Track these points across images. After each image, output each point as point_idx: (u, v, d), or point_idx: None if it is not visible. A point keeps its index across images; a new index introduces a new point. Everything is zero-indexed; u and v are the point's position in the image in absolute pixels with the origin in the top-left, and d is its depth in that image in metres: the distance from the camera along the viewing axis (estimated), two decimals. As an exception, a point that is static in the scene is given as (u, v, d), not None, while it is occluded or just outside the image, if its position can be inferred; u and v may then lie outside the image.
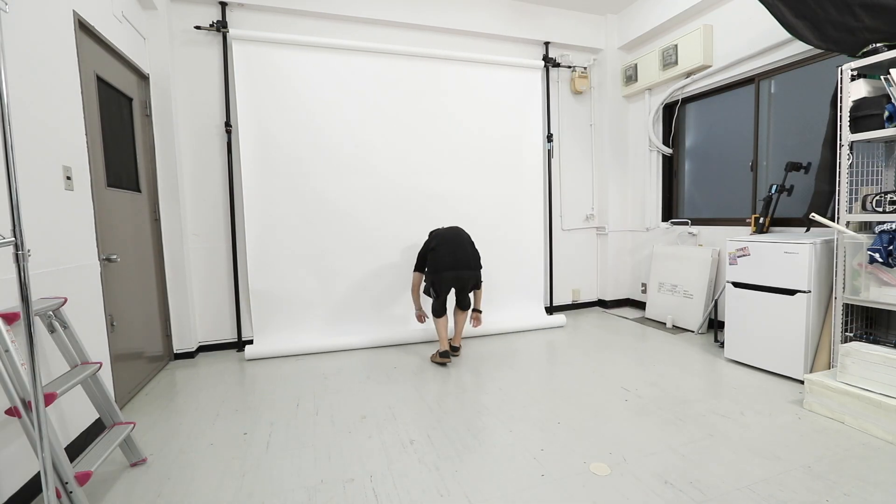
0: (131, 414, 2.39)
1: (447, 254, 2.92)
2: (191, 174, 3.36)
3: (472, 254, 3.01)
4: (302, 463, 1.85)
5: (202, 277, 3.43)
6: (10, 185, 1.21)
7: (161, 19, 3.11)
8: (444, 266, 2.90)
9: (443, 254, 2.92)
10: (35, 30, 1.86)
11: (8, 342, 1.39)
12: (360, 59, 3.61)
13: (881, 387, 1.98)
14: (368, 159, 3.68)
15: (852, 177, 2.32)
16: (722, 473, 1.70)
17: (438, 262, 2.91)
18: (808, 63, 3.02)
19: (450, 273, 2.90)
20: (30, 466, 1.64)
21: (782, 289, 2.59)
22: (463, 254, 2.95)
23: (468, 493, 1.62)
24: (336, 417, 2.28)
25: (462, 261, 2.93)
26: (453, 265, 2.90)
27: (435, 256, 2.94)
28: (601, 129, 4.51)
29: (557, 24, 4.20)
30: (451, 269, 2.89)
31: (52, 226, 1.88)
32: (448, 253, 2.93)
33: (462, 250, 2.96)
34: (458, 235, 3.05)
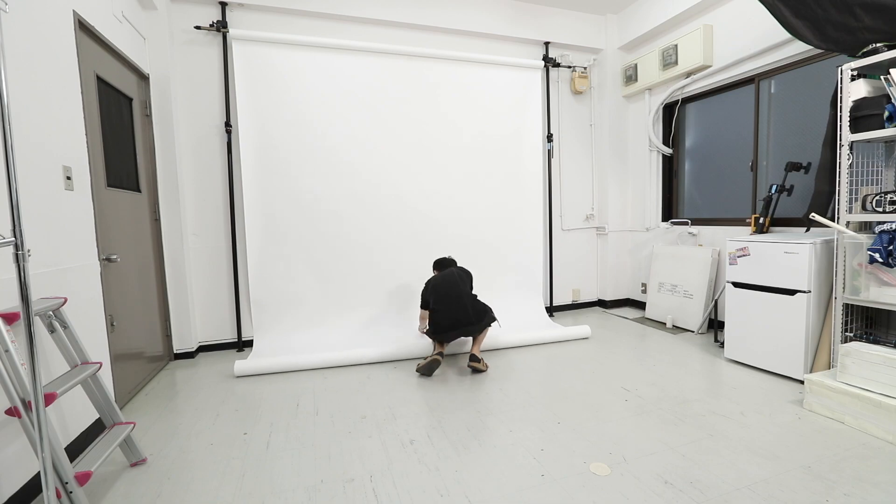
0: (131, 414, 2.39)
1: (446, 315, 2.84)
2: (191, 174, 3.36)
3: (473, 306, 2.88)
4: (302, 463, 1.85)
5: (202, 277, 3.43)
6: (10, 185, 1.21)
7: (161, 19, 3.11)
8: (445, 327, 2.83)
9: (442, 315, 2.84)
10: (35, 30, 1.86)
11: (8, 342, 1.39)
12: (361, 59, 3.61)
13: (881, 387, 1.98)
14: (368, 159, 3.68)
15: (852, 177, 2.32)
16: (722, 473, 1.70)
17: (439, 324, 2.84)
18: (808, 63, 3.02)
19: (452, 333, 2.84)
20: (30, 466, 1.64)
21: (782, 289, 2.58)
22: (462, 312, 2.84)
23: (468, 493, 1.62)
24: (336, 417, 2.28)
25: (462, 320, 2.83)
26: (454, 325, 2.83)
27: (435, 318, 2.87)
28: (601, 129, 4.51)
29: (557, 24, 4.20)
30: (452, 329, 2.83)
31: (52, 226, 1.88)
32: (446, 314, 2.84)
33: (460, 308, 2.84)
34: (453, 288, 2.92)
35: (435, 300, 2.91)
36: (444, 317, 2.83)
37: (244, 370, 2.89)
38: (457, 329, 2.82)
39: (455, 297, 2.88)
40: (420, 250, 3.86)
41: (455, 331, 2.82)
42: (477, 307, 2.91)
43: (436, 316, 2.87)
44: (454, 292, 2.90)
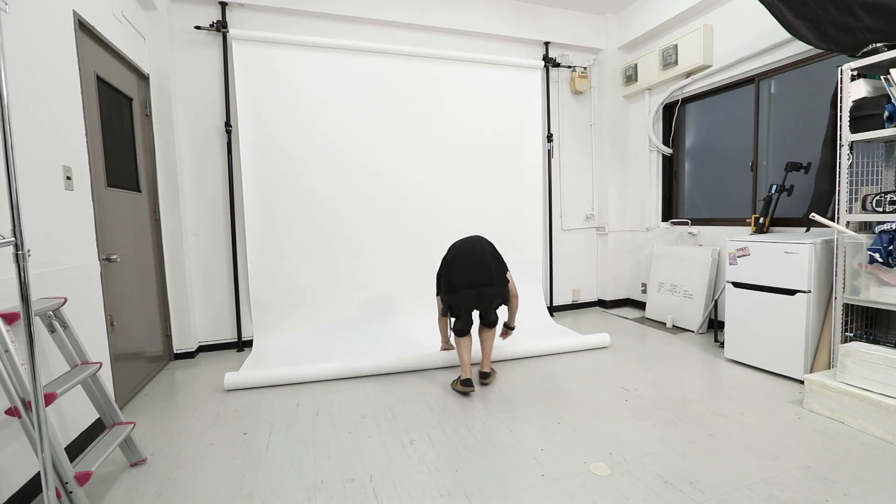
0: (131, 414, 2.39)
1: (463, 269, 2.44)
2: (191, 174, 3.36)
3: (495, 267, 2.49)
4: (302, 463, 1.85)
5: (202, 277, 3.43)
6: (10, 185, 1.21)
7: (161, 19, 3.11)
8: (461, 283, 2.43)
9: (458, 269, 2.45)
10: (35, 30, 1.86)
11: (8, 342, 1.39)
12: (361, 59, 3.61)
13: (881, 387, 1.98)
14: (368, 159, 3.68)
15: (852, 177, 2.32)
16: (722, 473, 1.70)
17: (453, 279, 2.45)
18: (808, 63, 3.02)
19: (468, 291, 2.42)
20: (30, 466, 1.64)
21: (782, 289, 2.58)
22: (483, 268, 2.44)
23: (468, 493, 1.62)
24: (336, 417, 2.28)
25: (482, 276, 2.43)
26: (471, 281, 2.42)
27: (449, 273, 2.48)
28: (601, 129, 4.51)
29: (557, 24, 4.20)
30: (468, 286, 2.42)
31: (52, 226, 1.88)
32: (464, 268, 2.44)
33: (481, 264, 2.46)
34: (476, 246, 2.55)
35: (452, 256, 2.53)
36: (462, 268, 2.44)
37: (235, 383, 2.64)
38: (475, 286, 2.41)
39: (476, 253, 2.49)
40: (420, 249, 3.85)
41: (472, 288, 2.41)
42: (501, 269, 2.51)
43: (449, 272, 2.48)
44: (476, 250, 2.51)
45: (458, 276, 2.45)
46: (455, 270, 2.47)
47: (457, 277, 2.45)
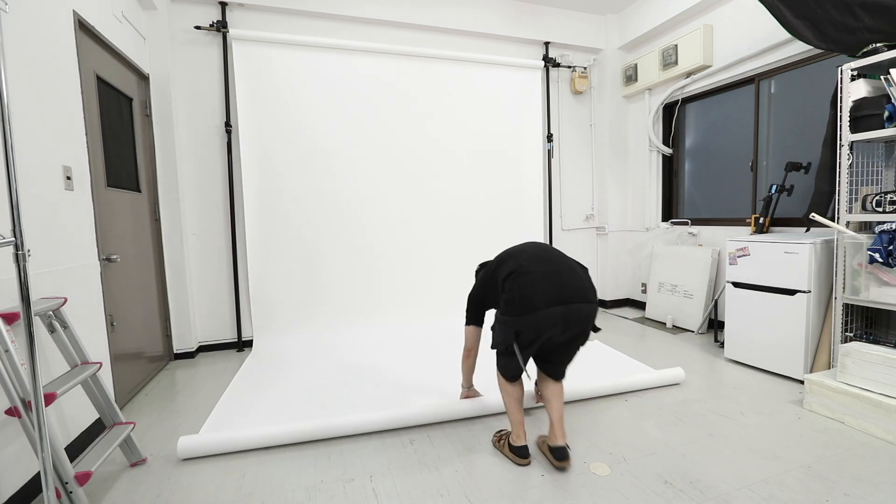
0: (131, 414, 2.39)
1: (542, 279, 1.67)
2: (191, 174, 3.35)
3: (585, 276, 1.76)
4: (302, 463, 1.85)
5: (202, 277, 3.43)
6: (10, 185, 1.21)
7: (161, 19, 3.11)
8: (542, 299, 1.63)
9: (536, 278, 1.67)
10: (35, 30, 1.86)
11: (8, 342, 1.39)
12: (360, 59, 3.61)
13: (881, 387, 1.98)
14: (368, 159, 3.68)
15: (852, 177, 2.32)
16: (722, 473, 1.70)
17: (528, 294, 1.64)
18: (808, 63, 3.02)
19: (554, 311, 1.62)
20: (30, 466, 1.64)
21: (782, 289, 2.58)
22: (571, 276, 1.71)
23: (468, 493, 1.62)
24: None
25: (573, 287, 1.67)
26: (558, 296, 1.63)
27: (521, 284, 1.67)
28: (601, 129, 4.51)
29: (557, 24, 4.20)
30: (553, 301, 1.62)
31: (52, 226, 1.88)
32: (543, 277, 1.67)
33: (567, 271, 1.72)
34: (548, 249, 1.85)
35: (520, 263, 1.75)
36: (542, 277, 1.67)
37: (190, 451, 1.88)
38: (565, 302, 1.63)
39: (552, 255, 1.79)
40: (420, 249, 3.85)
41: (562, 305, 1.62)
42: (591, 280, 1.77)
43: (522, 281, 1.67)
44: (550, 251, 1.82)
45: (534, 288, 1.64)
46: (529, 282, 1.66)
47: (533, 290, 1.64)
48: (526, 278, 1.68)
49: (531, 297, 1.64)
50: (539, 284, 1.66)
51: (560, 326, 1.65)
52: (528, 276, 1.68)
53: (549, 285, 1.65)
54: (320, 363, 3.06)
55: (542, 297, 1.63)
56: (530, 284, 1.66)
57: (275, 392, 2.57)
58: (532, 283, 1.67)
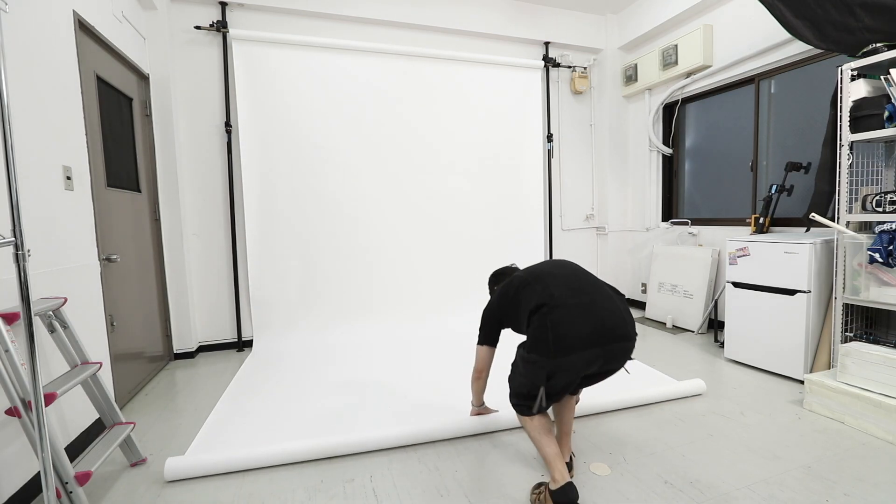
0: (131, 414, 2.39)
1: (580, 314, 1.45)
2: (191, 174, 3.35)
3: (624, 307, 1.55)
4: (302, 463, 1.85)
5: (202, 277, 3.43)
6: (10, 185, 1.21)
7: (161, 19, 3.11)
8: (580, 338, 1.41)
9: (571, 314, 1.44)
10: (35, 30, 1.86)
11: (8, 342, 1.39)
12: (360, 58, 3.61)
13: (881, 387, 1.98)
14: (368, 159, 3.68)
15: (852, 177, 2.32)
16: (722, 473, 1.70)
17: (564, 332, 1.42)
18: (808, 63, 3.02)
19: (592, 353, 1.43)
20: (30, 466, 1.64)
21: (782, 289, 2.58)
22: (610, 310, 1.49)
23: (468, 493, 1.62)
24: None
25: (614, 325, 1.47)
26: (599, 335, 1.43)
27: (554, 321, 1.44)
28: (601, 129, 4.51)
29: (557, 24, 4.20)
30: (593, 342, 1.42)
31: (52, 226, 1.88)
32: (582, 312, 1.45)
33: (606, 303, 1.50)
34: (582, 275, 1.61)
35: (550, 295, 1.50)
36: (576, 320, 1.44)
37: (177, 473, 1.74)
38: (602, 343, 1.43)
39: (588, 283, 1.57)
40: (421, 249, 3.85)
41: (597, 348, 1.43)
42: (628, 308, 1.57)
43: (550, 320, 1.44)
44: (586, 278, 1.59)
45: (570, 326, 1.42)
46: (564, 318, 1.43)
47: (569, 328, 1.42)
48: (560, 313, 1.45)
49: (566, 337, 1.41)
50: (576, 322, 1.43)
51: (597, 365, 1.47)
52: (563, 310, 1.45)
53: (587, 323, 1.43)
54: (320, 364, 3.06)
55: (580, 338, 1.42)
56: (565, 321, 1.43)
57: (273, 399, 2.48)
58: (567, 319, 1.43)
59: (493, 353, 1.81)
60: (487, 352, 1.81)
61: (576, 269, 1.64)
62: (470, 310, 3.82)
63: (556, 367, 1.43)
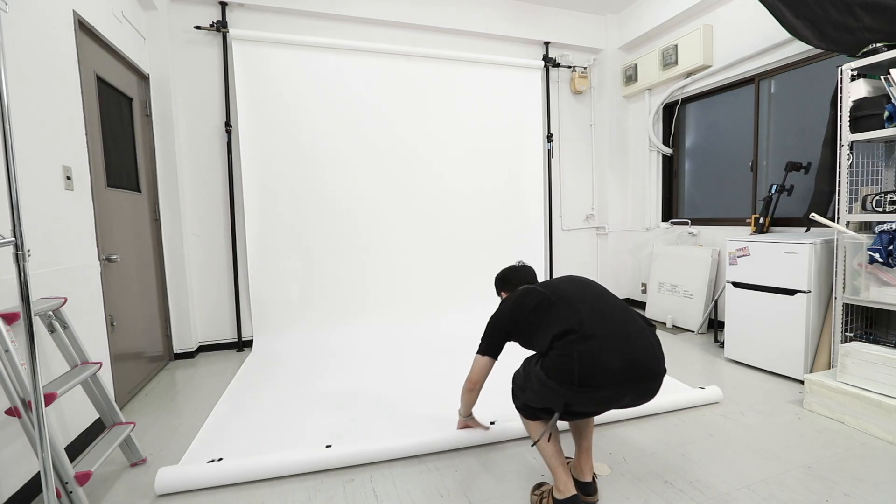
0: (131, 414, 2.39)
1: (612, 350, 1.32)
2: (191, 174, 3.35)
3: (656, 341, 1.42)
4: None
5: (202, 277, 3.43)
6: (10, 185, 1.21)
7: (161, 19, 3.11)
8: (610, 375, 1.31)
9: (602, 348, 1.32)
10: (35, 30, 1.86)
11: (8, 342, 1.39)
12: (360, 59, 3.61)
13: (881, 387, 1.98)
14: (368, 159, 3.68)
15: (852, 177, 2.32)
16: (722, 473, 1.70)
17: (593, 367, 1.30)
18: (808, 63, 3.02)
19: (622, 390, 1.33)
20: (30, 466, 1.64)
21: (782, 289, 2.58)
22: (643, 345, 1.36)
23: (468, 493, 1.62)
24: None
25: (647, 363, 1.35)
26: (631, 374, 1.32)
27: (583, 353, 1.32)
28: (601, 129, 4.51)
29: (557, 24, 4.20)
30: (624, 381, 1.32)
31: (52, 226, 1.88)
32: (614, 347, 1.33)
33: (639, 337, 1.37)
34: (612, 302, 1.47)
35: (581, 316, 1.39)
36: (608, 357, 1.32)
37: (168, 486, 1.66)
38: (633, 381, 1.33)
39: (620, 314, 1.42)
40: (420, 249, 3.85)
41: (628, 386, 1.33)
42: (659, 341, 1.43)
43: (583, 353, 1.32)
44: (615, 307, 1.45)
45: (600, 360, 1.31)
46: (594, 352, 1.32)
47: (599, 363, 1.31)
48: (589, 345, 1.32)
49: (594, 373, 1.30)
50: (605, 356, 1.31)
51: (623, 403, 1.37)
52: (592, 342, 1.33)
53: (617, 359, 1.31)
54: (320, 364, 3.06)
55: (608, 374, 1.31)
56: (594, 355, 1.31)
57: (272, 400, 2.45)
58: (596, 352, 1.31)
59: (493, 365, 1.66)
60: (487, 364, 1.65)
61: (602, 292, 1.52)
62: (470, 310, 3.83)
63: (577, 399, 1.34)
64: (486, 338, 1.63)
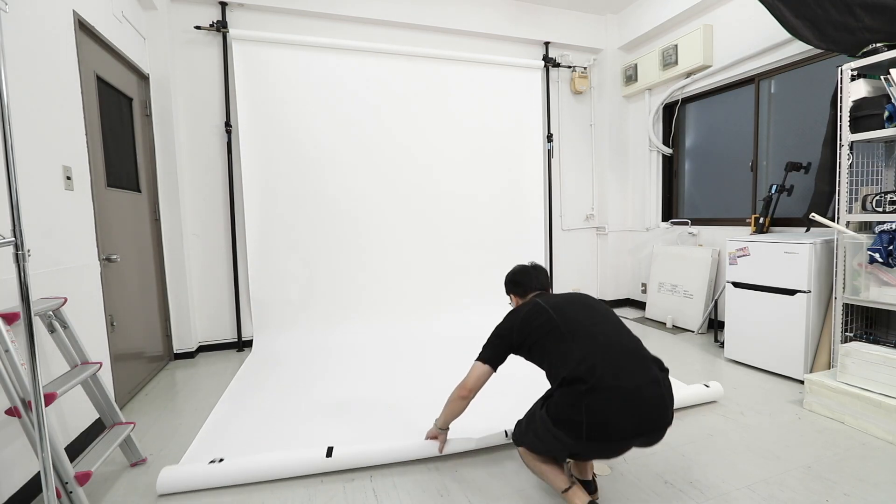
0: (131, 414, 2.39)
1: (623, 405, 1.29)
2: (191, 174, 3.35)
3: (669, 390, 1.39)
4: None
5: (202, 277, 3.43)
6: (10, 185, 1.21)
7: (161, 19, 3.11)
8: (619, 430, 1.29)
9: (613, 401, 1.28)
10: (35, 30, 1.86)
11: (8, 342, 1.39)
12: (360, 58, 3.61)
13: (881, 387, 1.98)
14: (368, 159, 3.68)
15: (852, 177, 2.32)
16: (722, 473, 1.70)
17: (603, 420, 1.28)
18: (808, 63, 3.02)
19: (630, 442, 1.33)
20: (30, 466, 1.64)
21: (782, 289, 2.58)
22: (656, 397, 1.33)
23: (468, 493, 1.62)
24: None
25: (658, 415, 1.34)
26: (640, 428, 1.31)
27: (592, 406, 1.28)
28: (601, 129, 4.51)
29: (557, 24, 4.20)
30: (633, 435, 1.31)
31: (52, 226, 1.88)
32: (625, 402, 1.29)
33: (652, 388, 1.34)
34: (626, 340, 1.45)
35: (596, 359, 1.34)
36: (618, 412, 1.28)
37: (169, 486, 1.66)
38: (642, 434, 1.33)
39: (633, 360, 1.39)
40: (420, 249, 3.85)
41: (637, 438, 1.33)
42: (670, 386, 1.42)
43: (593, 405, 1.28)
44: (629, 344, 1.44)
45: (610, 413, 1.28)
46: (604, 405, 1.28)
47: (609, 417, 1.28)
48: (599, 399, 1.28)
49: (603, 429, 1.28)
50: (616, 416, 1.27)
51: (628, 450, 1.37)
52: (603, 395, 1.28)
53: (629, 415, 1.28)
54: (321, 364, 3.06)
55: (618, 429, 1.28)
56: (605, 411, 1.28)
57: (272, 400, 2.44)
58: (608, 410, 1.28)
59: (491, 376, 1.58)
60: (486, 372, 1.56)
61: (618, 327, 1.46)
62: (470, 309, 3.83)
63: (583, 449, 1.33)
64: (488, 346, 1.59)
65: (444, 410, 1.70)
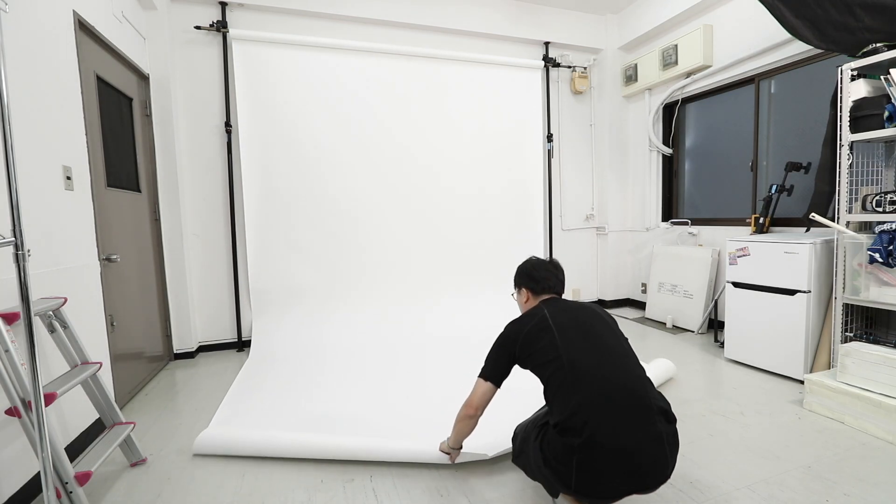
0: (131, 414, 2.39)
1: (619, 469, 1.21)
2: (191, 174, 3.35)
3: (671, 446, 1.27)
4: (302, 463, 1.85)
5: (202, 277, 3.43)
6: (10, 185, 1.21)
7: (161, 19, 3.11)
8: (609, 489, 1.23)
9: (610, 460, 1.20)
10: (35, 30, 1.86)
11: (8, 342, 1.39)
12: (361, 58, 3.61)
13: (881, 387, 1.98)
14: (368, 159, 3.68)
15: (852, 177, 2.32)
16: (722, 473, 1.70)
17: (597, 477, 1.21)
18: (808, 63, 3.02)
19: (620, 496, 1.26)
20: (30, 466, 1.64)
21: (782, 289, 2.58)
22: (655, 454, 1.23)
23: (468, 493, 1.62)
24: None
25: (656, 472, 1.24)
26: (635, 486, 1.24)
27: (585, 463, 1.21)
28: (601, 129, 4.51)
29: (557, 24, 4.20)
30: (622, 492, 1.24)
31: (52, 226, 1.88)
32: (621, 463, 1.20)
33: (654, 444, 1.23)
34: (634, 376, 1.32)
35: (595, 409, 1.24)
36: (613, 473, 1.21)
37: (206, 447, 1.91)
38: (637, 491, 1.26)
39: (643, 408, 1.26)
40: (420, 249, 3.85)
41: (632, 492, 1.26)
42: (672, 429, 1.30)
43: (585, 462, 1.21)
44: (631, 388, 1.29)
45: (603, 476, 1.21)
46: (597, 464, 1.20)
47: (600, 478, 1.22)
48: (592, 458, 1.20)
49: (593, 487, 1.23)
50: (608, 476, 1.21)
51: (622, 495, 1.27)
52: (597, 453, 1.20)
53: (624, 475, 1.21)
54: (322, 363, 3.06)
55: (611, 488, 1.23)
56: (596, 470, 1.21)
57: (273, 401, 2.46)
58: (599, 469, 1.20)
59: (495, 392, 1.49)
60: (489, 390, 1.48)
61: (625, 363, 1.34)
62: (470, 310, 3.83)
63: (573, 495, 1.28)
64: (489, 360, 1.50)
65: (453, 431, 1.63)
